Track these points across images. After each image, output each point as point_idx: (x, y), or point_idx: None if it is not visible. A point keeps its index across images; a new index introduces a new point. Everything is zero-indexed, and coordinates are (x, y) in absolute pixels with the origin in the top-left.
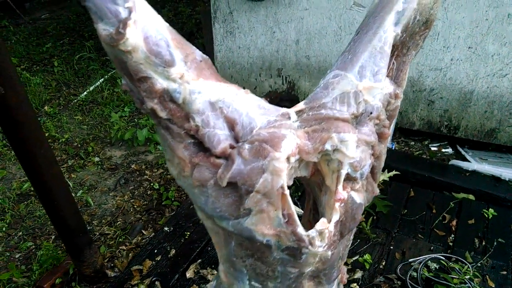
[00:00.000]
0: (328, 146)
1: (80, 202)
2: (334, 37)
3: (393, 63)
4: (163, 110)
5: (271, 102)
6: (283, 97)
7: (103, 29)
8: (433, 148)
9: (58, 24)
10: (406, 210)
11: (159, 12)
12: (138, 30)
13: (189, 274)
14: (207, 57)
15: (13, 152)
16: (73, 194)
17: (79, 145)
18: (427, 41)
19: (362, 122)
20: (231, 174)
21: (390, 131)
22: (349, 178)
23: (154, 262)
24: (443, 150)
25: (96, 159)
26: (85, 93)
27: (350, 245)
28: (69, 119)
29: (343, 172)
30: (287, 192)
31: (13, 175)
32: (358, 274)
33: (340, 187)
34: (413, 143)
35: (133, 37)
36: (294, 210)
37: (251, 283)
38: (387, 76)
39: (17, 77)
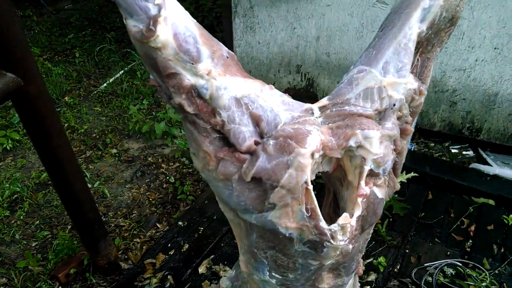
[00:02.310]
0: (352, 143)
1: (96, 193)
2: (355, 34)
3: (418, 59)
4: (190, 105)
5: None
6: (302, 94)
7: (133, 25)
8: (453, 150)
9: (81, 15)
10: (423, 213)
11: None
12: (168, 27)
13: (201, 269)
14: (233, 53)
15: None
16: (90, 185)
17: (97, 136)
18: (451, 40)
19: (385, 117)
20: (256, 169)
21: (412, 128)
22: (371, 174)
23: (167, 256)
24: (464, 152)
25: (114, 150)
26: (105, 84)
27: (369, 238)
28: (89, 110)
29: (366, 168)
30: (310, 187)
31: (32, 164)
32: (372, 277)
33: (363, 182)
34: (433, 144)
35: (164, 34)
36: (317, 205)
37: (271, 273)
38: (411, 72)
39: (37, 69)
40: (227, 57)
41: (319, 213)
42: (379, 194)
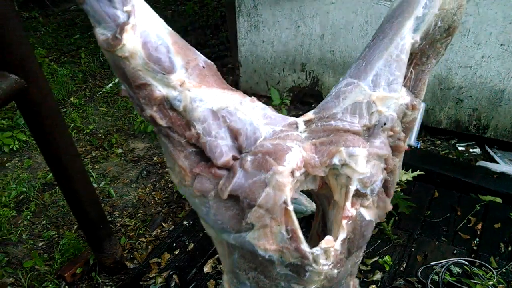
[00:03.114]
0: (336, 161)
1: (102, 193)
2: (360, 32)
3: (411, 71)
4: (162, 118)
5: (294, 97)
6: (307, 92)
7: (101, 33)
8: (460, 148)
9: (86, 16)
10: (429, 212)
11: (184, 4)
12: (137, 35)
13: (206, 268)
14: (211, 62)
15: None
16: (96, 185)
17: (103, 136)
18: (457, 37)
19: (374, 134)
20: (232, 186)
21: (405, 145)
22: (358, 194)
23: (172, 256)
24: (471, 150)
25: (119, 150)
26: (110, 85)
27: (359, 262)
28: (94, 110)
29: (352, 188)
30: (290, 207)
31: (39, 165)
32: (378, 276)
33: (348, 203)
34: (439, 142)
35: (131, 43)
36: (298, 226)
37: None
38: (404, 85)
39: (41, 70)
40: (204, 67)
41: (301, 235)
42: (367, 216)
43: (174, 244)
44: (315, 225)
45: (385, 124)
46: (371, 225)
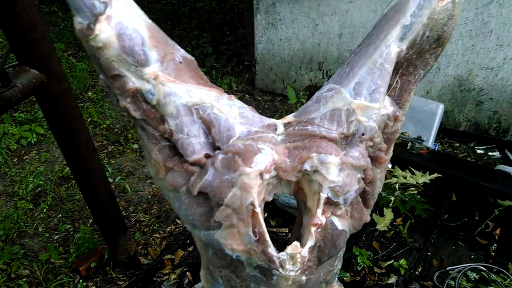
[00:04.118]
0: (307, 166)
1: (117, 188)
2: None
3: (397, 81)
4: (136, 110)
5: (310, 96)
6: None
7: (79, 22)
8: (479, 151)
9: None
10: (446, 216)
11: (202, 1)
12: (111, 26)
13: None
14: (192, 58)
15: None
16: (112, 180)
17: (119, 132)
18: (478, 38)
19: (352, 144)
20: (202, 184)
21: (387, 156)
22: (330, 203)
23: (186, 253)
24: (490, 153)
25: (135, 146)
26: None
27: (337, 270)
28: (111, 106)
29: (323, 195)
30: (258, 209)
31: (56, 158)
32: (392, 279)
33: (319, 211)
34: (458, 144)
35: (105, 33)
36: (265, 229)
37: None
38: (389, 95)
39: (61, 66)
40: (181, 62)
41: (268, 238)
42: (339, 225)
43: (188, 241)
44: (295, 229)
45: (363, 134)
46: (343, 235)
